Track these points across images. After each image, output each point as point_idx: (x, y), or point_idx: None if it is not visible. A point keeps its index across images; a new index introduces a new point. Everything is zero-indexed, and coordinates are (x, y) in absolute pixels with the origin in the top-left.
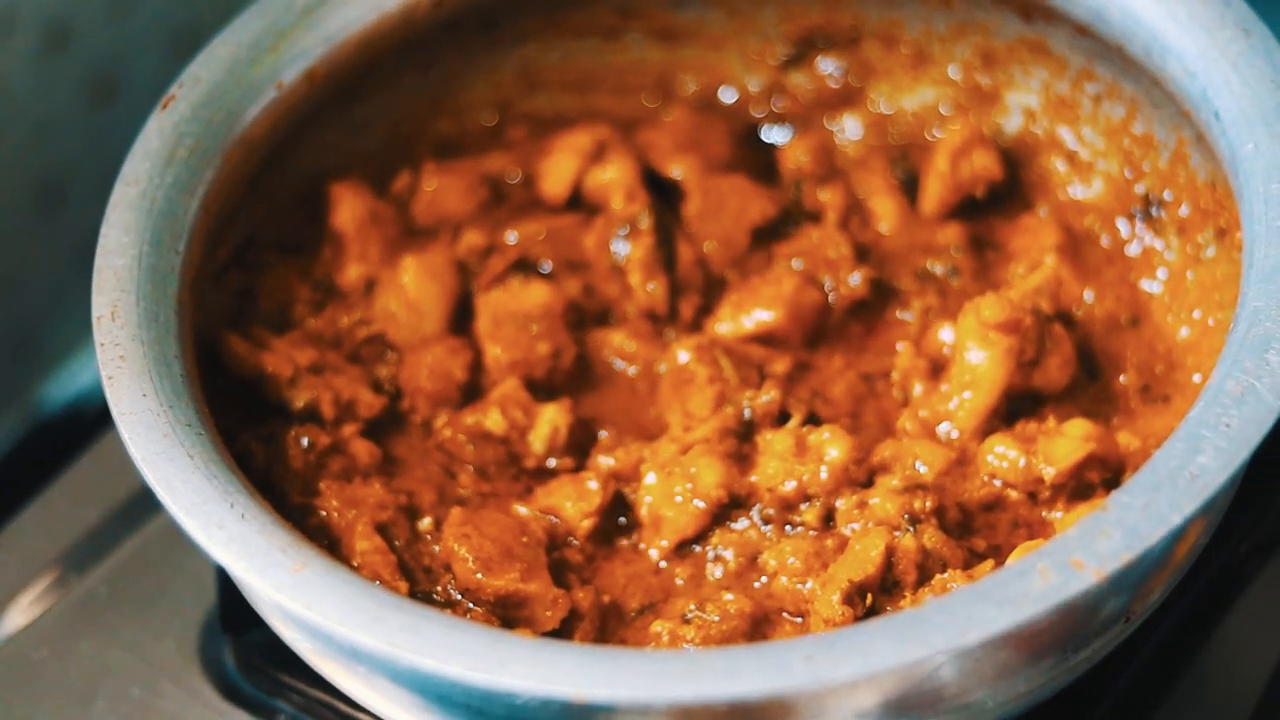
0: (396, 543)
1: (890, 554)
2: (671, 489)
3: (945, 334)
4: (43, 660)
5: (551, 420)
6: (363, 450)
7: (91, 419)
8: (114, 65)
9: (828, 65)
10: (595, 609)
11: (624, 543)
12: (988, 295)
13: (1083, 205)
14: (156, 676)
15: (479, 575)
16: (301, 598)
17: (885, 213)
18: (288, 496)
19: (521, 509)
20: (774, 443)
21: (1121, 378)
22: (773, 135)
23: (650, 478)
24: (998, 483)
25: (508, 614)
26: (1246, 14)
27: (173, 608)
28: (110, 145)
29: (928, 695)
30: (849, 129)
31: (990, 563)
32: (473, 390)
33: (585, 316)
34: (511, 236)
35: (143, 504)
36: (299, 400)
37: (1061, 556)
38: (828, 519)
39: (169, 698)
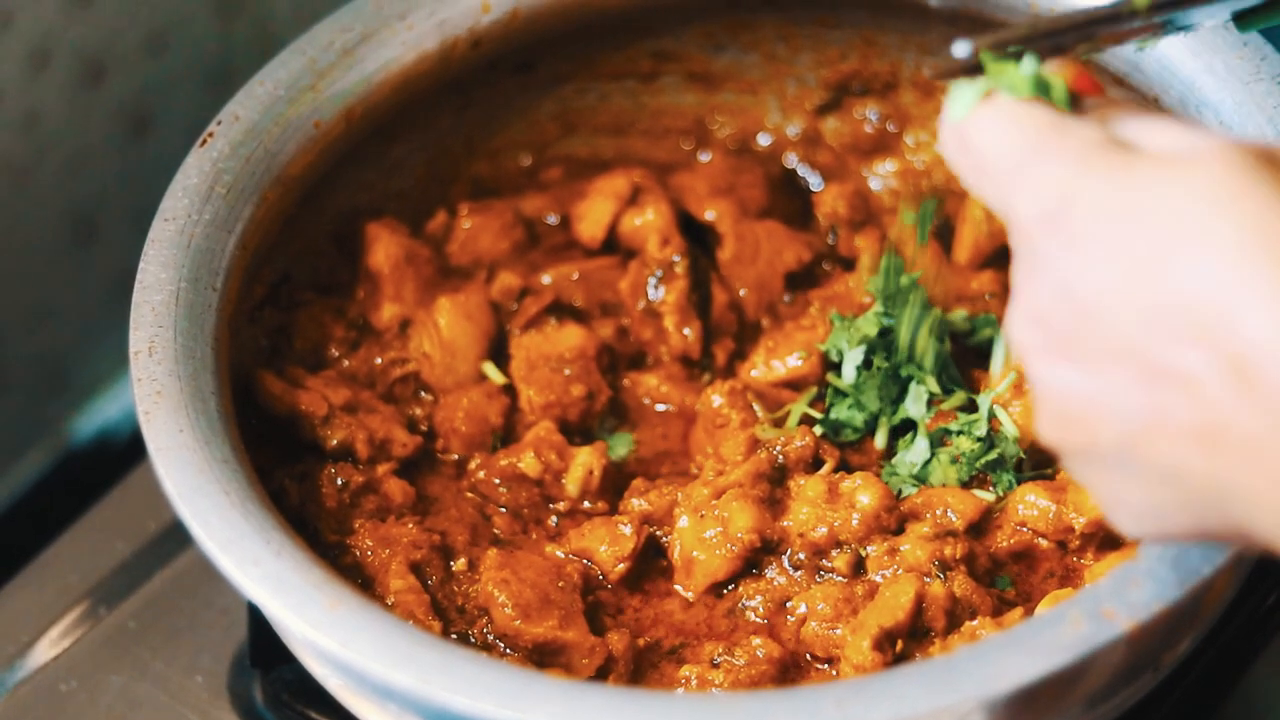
0: (430, 582)
1: (920, 600)
2: (703, 532)
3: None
4: (71, 693)
5: (585, 463)
6: (396, 489)
7: (121, 452)
8: (148, 100)
9: (864, 111)
10: (629, 652)
11: (655, 585)
12: None
13: None
14: (185, 711)
15: (517, 622)
16: (337, 635)
17: (919, 259)
18: (321, 535)
19: (557, 551)
20: (806, 489)
21: None
22: (808, 180)
23: (683, 521)
24: (1027, 531)
25: (544, 660)
26: None
27: (201, 642)
28: (142, 180)
29: None
30: (884, 175)
31: (1020, 610)
32: (506, 431)
33: (619, 359)
34: (546, 278)
35: (172, 538)
36: (333, 439)
37: (1093, 605)
38: (858, 565)
39: None
